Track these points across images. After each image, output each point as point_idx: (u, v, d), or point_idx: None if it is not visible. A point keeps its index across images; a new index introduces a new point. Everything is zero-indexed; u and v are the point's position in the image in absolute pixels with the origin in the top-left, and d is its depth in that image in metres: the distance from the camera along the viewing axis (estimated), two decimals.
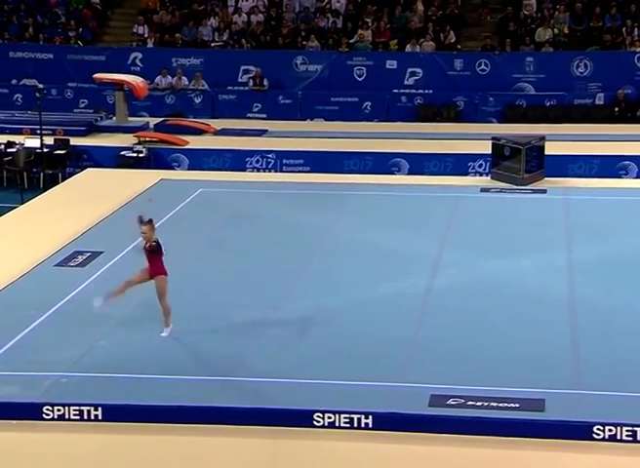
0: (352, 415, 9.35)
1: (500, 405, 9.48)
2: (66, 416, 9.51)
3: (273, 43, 25.79)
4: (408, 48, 25.16)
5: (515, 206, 16.58)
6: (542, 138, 18.39)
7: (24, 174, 20.71)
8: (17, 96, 25.03)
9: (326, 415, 9.36)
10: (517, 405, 9.48)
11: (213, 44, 26.14)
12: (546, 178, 18.08)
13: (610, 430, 9.08)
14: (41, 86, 20.45)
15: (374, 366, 10.42)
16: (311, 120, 24.24)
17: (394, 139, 21.10)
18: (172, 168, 20.57)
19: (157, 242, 10.90)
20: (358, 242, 14.47)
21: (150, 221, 11.02)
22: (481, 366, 10.44)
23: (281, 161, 20.56)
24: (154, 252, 10.85)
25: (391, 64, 24.79)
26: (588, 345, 10.92)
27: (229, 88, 25.04)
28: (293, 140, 21.24)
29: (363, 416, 9.35)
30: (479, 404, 9.50)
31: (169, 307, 11.04)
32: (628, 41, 23.99)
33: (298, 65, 25.14)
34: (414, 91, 24.53)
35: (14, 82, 25.78)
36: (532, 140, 18.24)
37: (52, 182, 19.63)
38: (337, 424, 9.36)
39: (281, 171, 20.37)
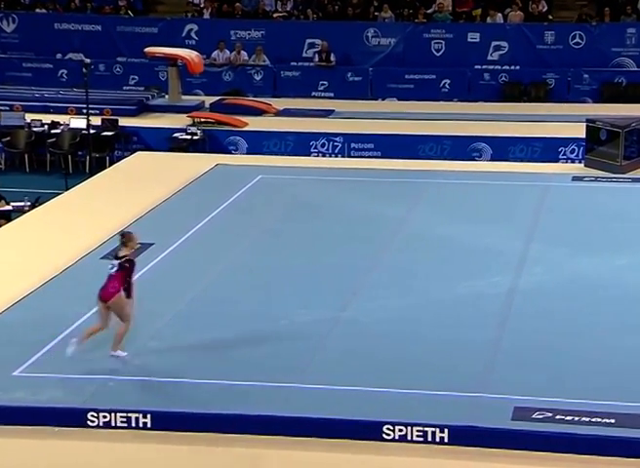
0: (426, 428, 9.34)
1: (593, 420, 9.39)
2: (113, 424, 9.65)
3: (342, 13, 25.80)
4: (491, 19, 24.93)
5: (612, 197, 16.36)
6: None
7: (69, 157, 21.09)
8: (61, 71, 25.47)
9: (397, 428, 9.37)
10: (612, 420, 9.38)
11: (275, 15, 26.26)
12: None
13: None
14: (88, 61, 20.73)
15: (450, 374, 10.40)
16: (383, 100, 24.21)
17: (476, 122, 20.96)
18: (229, 152, 20.74)
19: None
20: (434, 236, 14.42)
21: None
22: (571, 375, 10.35)
23: (349, 145, 20.57)
24: (126, 268, 10.53)
25: (473, 37, 24.61)
26: None
27: (293, 64, 25.13)
28: (362, 122, 21.23)
29: (438, 430, 9.33)
30: (569, 418, 9.41)
31: (124, 332, 10.55)
32: None
33: (369, 39, 25.11)
34: (498, 67, 24.33)
35: (58, 56, 26.23)
36: (632, 123, 17.96)
37: (99, 167, 19.92)
38: (408, 438, 9.36)
39: (349, 156, 20.39)
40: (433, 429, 9.33)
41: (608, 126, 17.89)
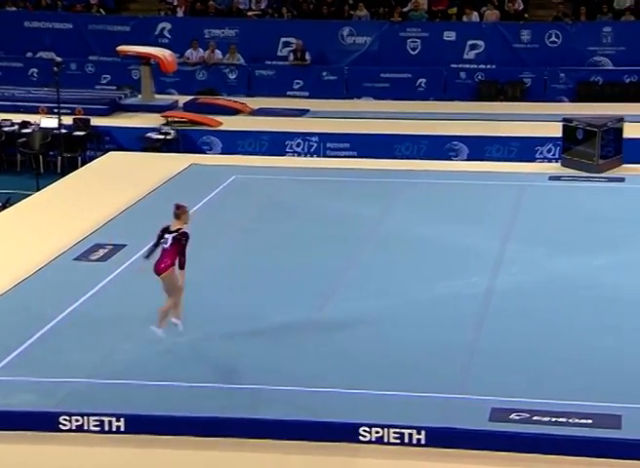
0: (403, 430, 9.34)
1: (570, 421, 9.42)
2: (85, 427, 9.61)
3: (317, 12, 25.80)
4: (467, 17, 24.99)
5: (589, 196, 16.44)
6: (621, 120, 18.21)
7: (40, 157, 20.96)
8: (32, 70, 25.32)
9: (373, 430, 9.36)
10: (590, 421, 9.42)
11: (249, 13, 26.22)
12: (625, 165, 17.91)
13: None
14: (59, 59, 20.61)
15: (427, 375, 10.41)
16: (359, 99, 24.22)
17: (452, 121, 21.00)
18: (203, 151, 20.69)
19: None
20: (410, 236, 14.43)
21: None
22: (549, 376, 10.38)
23: (325, 144, 20.57)
24: (180, 241, 10.75)
25: (449, 36, 24.67)
26: None
27: (267, 62, 25.11)
28: (338, 122, 21.24)
29: (415, 431, 9.34)
30: (546, 419, 9.44)
31: (169, 307, 10.89)
32: None
33: (344, 37, 25.12)
34: (474, 66, 24.40)
35: (29, 55, 26.09)
36: (608, 122, 18.06)
37: (70, 167, 19.83)
38: (385, 440, 9.36)
39: (324, 155, 20.38)
40: (410, 431, 9.33)
41: (584, 125, 17.97)
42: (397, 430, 9.34)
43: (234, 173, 17.62)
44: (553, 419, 9.44)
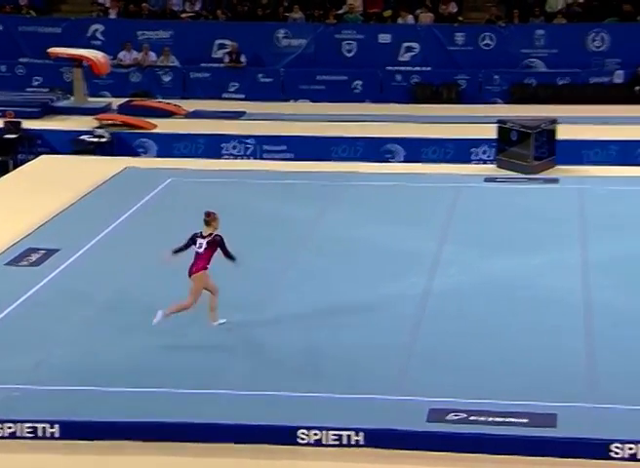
0: (341, 432, 9.38)
1: (507, 420, 9.53)
2: (18, 434, 9.49)
3: (252, 14, 25.77)
4: (402, 20, 25.16)
5: (524, 197, 16.64)
6: (554, 122, 18.47)
7: None
8: None
9: (312, 432, 9.38)
10: (526, 420, 9.53)
11: (183, 15, 26.10)
12: (558, 166, 18.17)
13: (630, 448, 9.14)
14: None
15: (365, 377, 10.46)
16: (295, 101, 24.24)
17: (388, 123, 21.12)
18: (138, 154, 20.55)
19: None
20: (348, 238, 14.48)
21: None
22: (486, 376, 10.49)
23: (261, 147, 20.56)
24: (215, 244, 11.39)
25: (385, 38, 24.81)
26: (605, 353, 10.98)
27: (202, 65, 25.01)
28: (274, 124, 21.24)
29: (353, 433, 9.38)
30: (483, 419, 9.54)
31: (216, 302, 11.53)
32: None
33: (279, 39, 25.13)
34: (410, 68, 24.55)
35: None
36: (542, 124, 18.31)
37: (1, 171, 19.55)
38: (324, 442, 9.38)
39: (261, 158, 20.37)
40: (349, 432, 9.37)
41: (518, 127, 18.20)
42: (336, 432, 9.37)
43: (170, 176, 17.54)
44: (490, 419, 9.54)
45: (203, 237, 11.48)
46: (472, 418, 9.55)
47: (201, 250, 11.39)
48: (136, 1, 26.26)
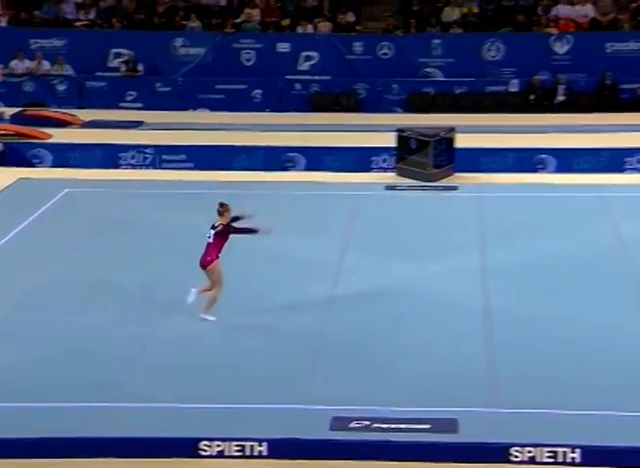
0: (244, 443, 9.37)
1: (409, 426, 9.63)
2: None
3: (148, 22, 25.58)
4: (301, 29, 25.29)
5: (423, 205, 16.85)
6: (452, 130, 18.75)
7: None
8: None
9: (214, 443, 9.35)
10: (428, 426, 9.64)
11: (77, 23, 25.77)
12: (457, 174, 18.44)
13: (529, 451, 9.31)
14: None
15: (268, 386, 10.46)
16: (194, 110, 24.14)
17: (288, 132, 21.17)
18: (32, 165, 20.18)
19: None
20: (250, 248, 14.44)
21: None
22: (387, 383, 10.58)
23: (160, 157, 20.40)
24: (223, 233, 11.84)
25: (283, 47, 24.89)
26: (505, 358, 11.18)
27: (98, 74, 24.73)
28: (173, 133, 21.11)
29: (256, 443, 9.37)
30: (385, 426, 9.63)
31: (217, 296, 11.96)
32: (543, 22, 24.60)
33: (177, 48, 25.01)
34: (309, 77, 24.67)
35: None
36: (440, 132, 18.57)
37: None
38: (226, 453, 9.35)
39: (160, 168, 20.21)
40: (252, 443, 9.36)
41: (417, 135, 18.42)
42: (239, 443, 9.36)
43: (66, 186, 17.29)
44: (392, 426, 9.63)
45: (214, 227, 11.93)
46: (375, 426, 9.62)
47: (210, 240, 11.85)
48: (27, 9, 25.83)
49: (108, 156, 20.27)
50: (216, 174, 18.42)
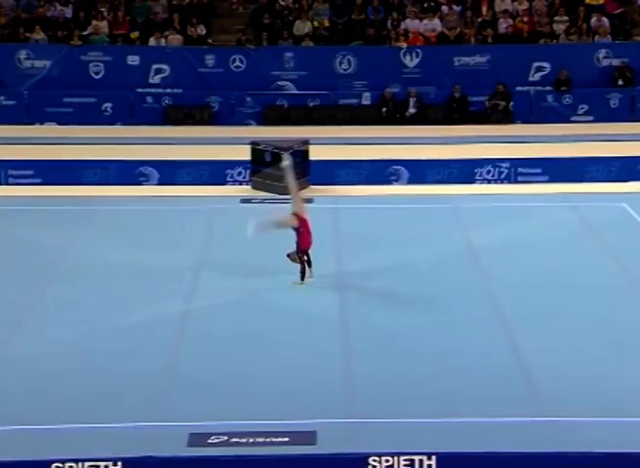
0: (99, 463, 9.20)
1: (268, 440, 9.65)
2: None
3: None
4: (152, 41, 25.12)
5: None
6: (306, 142, 18.92)
7: None
8: None
9: (67, 465, 9.16)
10: (286, 439, 9.68)
11: None
12: (312, 187, 18.59)
13: (387, 460, 9.43)
14: None
15: (122, 404, 10.31)
16: (41, 124, 23.66)
17: (140, 145, 20.99)
18: None
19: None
20: (101, 264, 14.27)
21: None
22: (245, 398, 10.58)
23: (6, 172, 19.94)
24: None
25: (133, 60, 24.65)
26: (362, 369, 11.30)
27: None
28: (19, 148, 20.68)
29: (111, 463, 9.23)
30: (244, 440, 9.63)
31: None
32: (393, 36, 25.08)
33: (21, 61, 24.47)
34: (161, 90, 24.49)
35: None
36: (294, 145, 18.70)
37: None
38: None
39: (7, 184, 19.75)
40: (106, 463, 9.21)
41: (271, 148, 18.51)
42: (92, 463, 9.19)
43: None
44: (251, 440, 9.63)
45: None
46: (233, 440, 9.60)
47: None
48: None
49: None
50: (66, 188, 18.11)
